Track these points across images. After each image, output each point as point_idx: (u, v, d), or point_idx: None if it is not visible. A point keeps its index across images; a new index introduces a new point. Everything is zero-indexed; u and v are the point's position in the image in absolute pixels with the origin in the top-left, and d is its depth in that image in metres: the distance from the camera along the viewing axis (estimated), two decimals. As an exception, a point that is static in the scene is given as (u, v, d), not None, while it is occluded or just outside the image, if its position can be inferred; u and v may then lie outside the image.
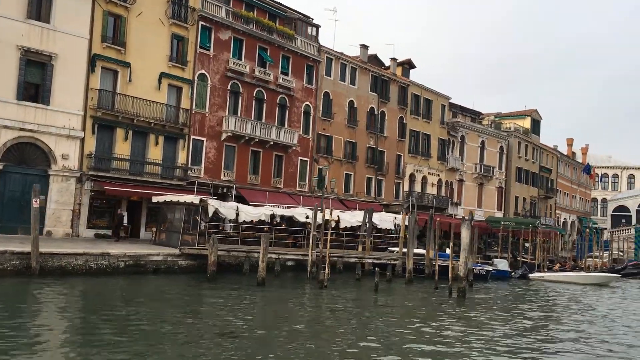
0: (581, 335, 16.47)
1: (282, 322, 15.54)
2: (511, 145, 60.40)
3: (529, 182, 63.82)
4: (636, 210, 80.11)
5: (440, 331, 15.78)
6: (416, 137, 48.69)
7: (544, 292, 28.82)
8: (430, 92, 50.15)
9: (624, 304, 25.59)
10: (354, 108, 42.73)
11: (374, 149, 44.23)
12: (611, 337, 16.55)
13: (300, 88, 38.58)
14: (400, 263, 28.46)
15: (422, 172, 49.06)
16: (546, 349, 14.37)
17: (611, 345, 15.38)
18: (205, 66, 32.77)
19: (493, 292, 27.03)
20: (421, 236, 40.85)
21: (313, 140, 39.57)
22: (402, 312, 19.09)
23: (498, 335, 15.68)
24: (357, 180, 42.80)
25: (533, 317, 19.58)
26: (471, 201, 55.26)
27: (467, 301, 22.30)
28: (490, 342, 14.65)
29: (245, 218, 27.08)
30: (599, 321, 19.66)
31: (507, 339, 15.11)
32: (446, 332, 15.68)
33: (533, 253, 43.64)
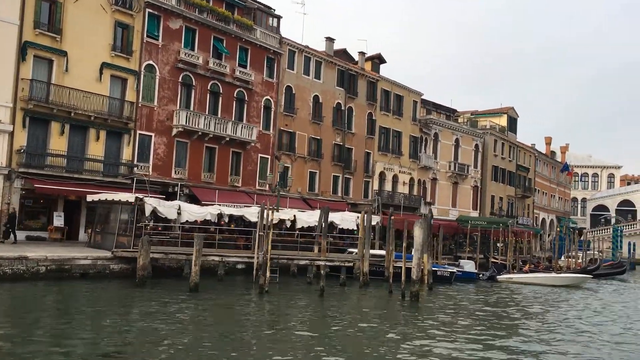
0: (523, 348, 14.76)
1: (180, 335, 13.57)
2: (487, 144, 58.99)
3: (505, 181, 62.46)
4: (615, 209, 79.21)
5: (374, 338, 14.01)
6: (386, 134, 47.01)
7: (508, 294, 27.20)
8: (401, 88, 48.52)
9: (585, 308, 24.02)
10: (319, 103, 40.94)
11: (340, 146, 42.47)
12: (560, 346, 14.90)
13: (260, 81, 36.71)
14: (358, 265, 26.69)
15: (392, 171, 47.39)
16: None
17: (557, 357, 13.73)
18: (153, 57, 30.79)
19: (454, 295, 25.35)
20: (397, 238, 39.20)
21: (274, 137, 37.71)
22: (337, 319, 17.25)
23: (434, 343, 13.94)
24: (322, 178, 41.00)
25: (484, 323, 17.87)
26: (445, 200, 53.73)
27: (421, 305, 20.59)
28: (423, 351, 12.90)
29: (188, 218, 25.17)
30: (553, 328, 18.01)
31: (441, 349, 13.37)
32: (379, 339, 13.91)
33: (505, 253, 42.16)
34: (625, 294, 30.86)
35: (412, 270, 20.56)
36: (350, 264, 25.71)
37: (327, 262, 25.06)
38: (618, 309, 23.84)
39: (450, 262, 34.40)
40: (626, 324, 19.66)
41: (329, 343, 13.59)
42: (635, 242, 70.49)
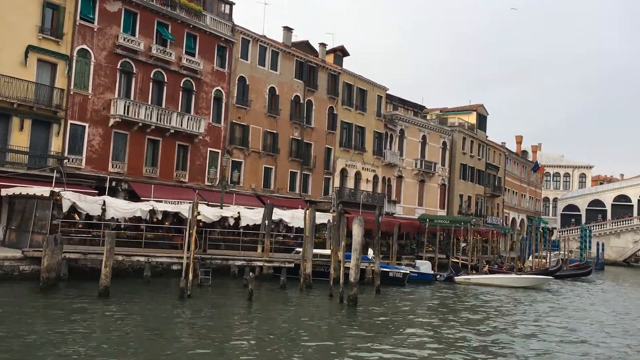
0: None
1: (43, 349, 11.59)
2: (455, 141, 57.61)
3: (474, 180, 61.19)
4: (586, 209, 78.69)
5: (262, 349, 12.16)
6: (349, 130, 45.26)
7: (460, 297, 25.58)
8: (365, 82, 46.81)
9: (530, 314, 22.48)
10: (275, 96, 38.99)
11: (299, 141, 40.58)
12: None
13: (210, 71, 34.64)
14: (309, 266, 24.81)
15: (355, 168, 45.64)
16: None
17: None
18: (87, 41, 28.55)
19: (402, 298, 23.64)
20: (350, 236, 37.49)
21: (226, 130, 35.67)
22: (246, 327, 15.37)
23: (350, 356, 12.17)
24: (278, 174, 39.06)
25: (417, 332, 16.14)
26: (411, 199, 52.19)
27: (359, 310, 18.81)
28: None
29: (114, 214, 23.09)
30: (488, 336, 16.36)
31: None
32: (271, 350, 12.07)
33: (471, 253, 40.71)
34: (582, 297, 29.29)
35: (350, 272, 18.74)
36: (291, 265, 23.82)
37: (267, 262, 23.16)
38: (562, 318, 22.25)
39: (409, 263, 32.75)
40: (562, 335, 18.04)
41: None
42: (604, 242, 70.02)
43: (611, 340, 16.62)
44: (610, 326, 19.24)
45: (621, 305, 25.90)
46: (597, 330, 18.41)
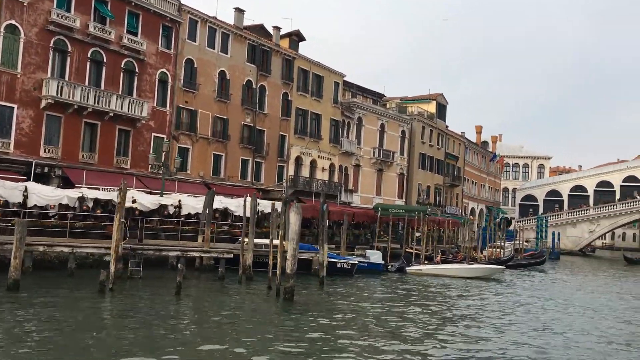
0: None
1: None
2: (414, 130, 57.01)
3: (433, 169, 60.81)
4: (543, 199, 79.54)
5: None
6: (304, 117, 44.03)
7: (408, 288, 24.80)
8: (322, 68, 45.61)
9: (471, 304, 21.87)
10: (225, 80, 37.46)
11: (251, 128, 39.18)
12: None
13: (154, 52, 32.91)
14: (248, 256, 23.59)
15: (310, 156, 44.50)
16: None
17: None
18: (16, 16, 26.54)
19: (347, 290, 22.69)
20: (303, 227, 36.44)
21: (172, 114, 34.03)
22: (151, 324, 14.15)
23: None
24: (229, 162, 37.63)
25: (353, 326, 15.18)
26: (369, 188, 51.37)
27: (297, 304, 17.73)
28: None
29: (38, 202, 21.44)
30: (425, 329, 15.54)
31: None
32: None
33: (426, 243, 40.17)
34: (530, 287, 28.63)
35: (287, 263, 17.62)
36: (230, 256, 22.55)
37: (204, 253, 21.86)
38: (503, 308, 21.67)
39: (360, 253, 31.88)
40: (495, 325, 17.38)
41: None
42: (561, 232, 70.89)
43: (533, 334, 15.99)
44: (541, 320, 18.56)
45: (563, 297, 25.35)
46: (529, 321, 17.80)
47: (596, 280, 35.65)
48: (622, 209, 69.79)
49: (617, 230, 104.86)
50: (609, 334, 16.38)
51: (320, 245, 22.75)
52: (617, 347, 14.63)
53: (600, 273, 41.91)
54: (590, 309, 21.42)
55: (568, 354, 13.53)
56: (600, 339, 15.56)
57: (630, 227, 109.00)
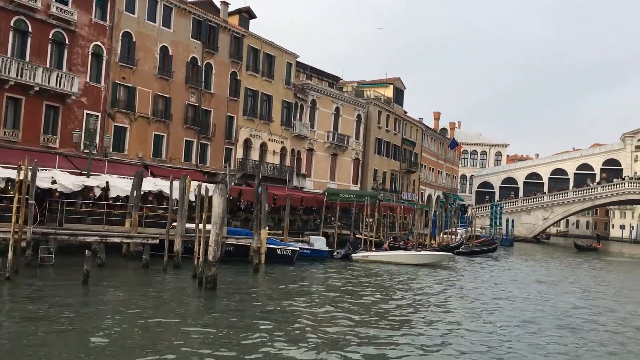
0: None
1: None
2: (370, 114, 55.91)
3: (389, 155, 59.95)
4: (499, 186, 79.90)
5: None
6: (254, 97, 42.28)
7: (348, 276, 23.63)
8: (273, 48, 43.84)
9: (404, 293, 20.89)
10: (168, 56, 35.37)
11: (196, 107, 37.25)
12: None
13: (87, 23, 30.61)
14: (179, 242, 21.98)
15: (260, 138, 42.85)
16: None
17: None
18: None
19: (283, 277, 21.37)
20: (247, 211, 35.04)
21: (107, 91, 31.86)
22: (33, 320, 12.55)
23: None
24: (171, 143, 35.69)
25: (270, 317, 13.87)
26: (322, 173, 50.09)
27: (220, 294, 16.28)
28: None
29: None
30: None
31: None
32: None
33: (377, 229, 39.27)
34: (474, 275, 27.77)
35: (209, 250, 16.11)
36: (155, 242, 20.89)
37: (126, 238, 20.14)
38: (439, 297, 20.80)
39: (304, 239, 30.62)
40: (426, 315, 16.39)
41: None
42: (515, 219, 71.34)
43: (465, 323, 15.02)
44: (474, 309, 17.66)
45: (503, 285, 24.62)
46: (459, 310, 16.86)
47: (541, 268, 35.32)
48: (575, 197, 70.62)
49: (572, 217, 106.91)
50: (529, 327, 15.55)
51: (256, 231, 21.30)
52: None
53: (550, 260, 41.81)
54: (521, 298, 20.60)
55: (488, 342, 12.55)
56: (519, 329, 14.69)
57: (584, 215, 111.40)
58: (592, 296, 21.98)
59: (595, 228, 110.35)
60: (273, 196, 34.03)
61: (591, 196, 69.88)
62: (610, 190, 69.45)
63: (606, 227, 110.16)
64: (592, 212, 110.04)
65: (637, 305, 20.05)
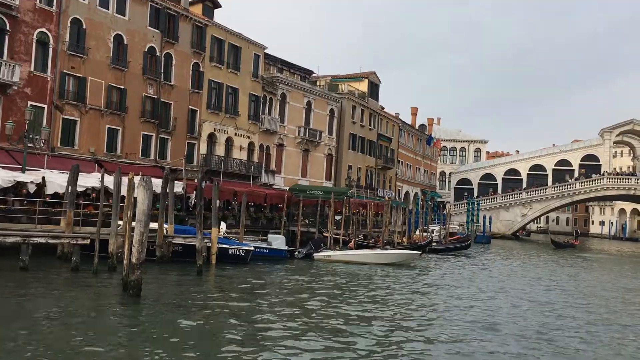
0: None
1: None
2: (344, 109, 54.31)
3: (365, 151, 58.42)
4: (478, 183, 78.87)
5: None
6: (218, 90, 40.46)
7: (304, 277, 22.01)
8: (239, 38, 42.02)
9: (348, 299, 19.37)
10: (123, 45, 33.45)
11: (154, 100, 35.37)
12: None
13: (31, 8, 28.63)
14: (113, 243, 20.18)
15: (226, 133, 41.04)
16: None
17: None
18: None
19: (230, 279, 19.70)
20: (205, 209, 33.24)
21: (54, 81, 29.90)
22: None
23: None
24: (127, 137, 33.78)
25: (197, 326, 12.23)
26: (293, 169, 48.38)
27: (145, 300, 14.58)
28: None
29: None
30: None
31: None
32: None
33: (345, 227, 37.76)
34: (437, 275, 26.11)
35: (133, 251, 14.38)
36: (86, 242, 19.08)
37: (52, 239, 18.30)
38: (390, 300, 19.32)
39: (263, 238, 28.96)
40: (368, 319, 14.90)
41: None
42: (494, 215, 70.36)
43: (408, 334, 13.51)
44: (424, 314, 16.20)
45: (460, 288, 23.16)
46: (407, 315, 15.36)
47: (511, 266, 34.01)
48: (554, 193, 69.82)
49: (552, 214, 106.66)
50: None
51: (199, 229, 19.62)
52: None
53: (523, 257, 40.57)
54: (480, 299, 19.21)
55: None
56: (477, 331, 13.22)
57: (564, 211, 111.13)
58: (553, 305, 20.23)
59: (576, 224, 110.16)
60: (233, 193, 32.30)
61: (569, 192, 69.10)
62: (589, 186, 68.72)
63: (586, 224, 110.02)
64: (572, 209, 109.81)
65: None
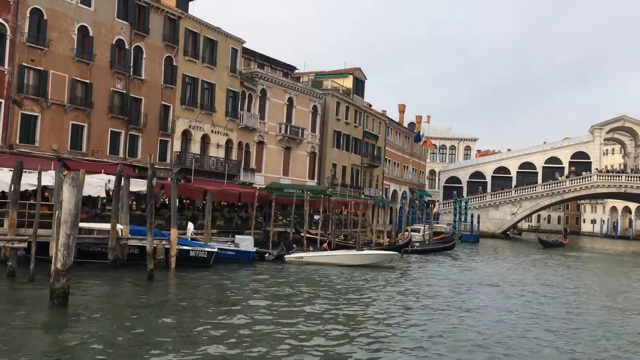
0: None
1: None
2: (328, 106, 52.85)
3: (350, 149, 56.95)
4: (467, 181, 77.59)
5: None
6: (193, 85, 38.92)
7: (268, 281, 20.56)
8: (216, 32, 40.51)
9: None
10: (88, 37, 31.88)
11: (123, 95, 33.82)
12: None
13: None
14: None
15: (202, 130, 39.52)
16: None
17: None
18: None
19: (184, 285, 18.22)
20: (182, 208, 31.94)
21: (12, 75, 28.32)
22: None
23: None
24: (94, 133, 32.22)
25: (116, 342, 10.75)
26: (275, 167, 46.88)
27: (74, 310, 13.09)
28: None
29: None
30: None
31: None
32: None
33: (324, 227, 36.33)
34: (411, 277, 24.74)
35: (58, 256, 12.87)
36: (23, 245, 17.53)
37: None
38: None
39: (230, 239, 27.45)
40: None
41: None
42: (483, 214, 69.09)
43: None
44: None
45: (429, 292, 21.69)
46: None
47: (493, 267, 32.65)
48: (544, 191, 68.66)
49: (543, 212, 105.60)
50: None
51: (149, 230, 18.09)
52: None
53: (509, 257, 39.24)
54: (437, 308, 17.76)
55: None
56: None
57: (555, 210, 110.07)
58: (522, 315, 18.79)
59: (567, 223, 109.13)
60: (204, 192, 30.80)
61: (559, 190, 67.94)
62: (579, 184, 67.58)
63: (577, 222, 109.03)
64: (563, 207, 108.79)
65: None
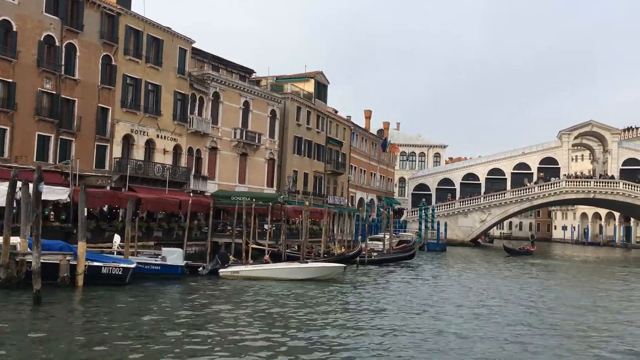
0: None
1: None
2: (287, 110, 50.65)
3: (312, 155, 54.74)
4: (436, 188, 75.97)
5: None
6: (136, 87, 36.31)
7: (188, 303, 18.09)
8: (160, 30, 38.01)
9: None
10: (11, 32, 29.17)
11: (53, 96, 31.12)
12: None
13: None
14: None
15: (146, 134, 36.91)
16: None
17: None
18: None
19: (77, 310, 15.68)
20: (101, 219, 29.37)
21: None
22: None
23: None
24: (18, 138, 29.45)
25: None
26: (230, 175, 44.40)
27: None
28: None
29: None
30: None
31: None
32: None
33: (275, 237, 34.00)
34: (353, 293, 22.12)
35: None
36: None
37: None
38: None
39: (157, 252, 24.87)
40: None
41: None
42: (452, 222, 67.46)
43: None
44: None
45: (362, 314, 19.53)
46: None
47: (444, 280, 30.63)
48: (513, 197, 67.43)
49: (514, 219, 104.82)
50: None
51: (34, 243, 15.49)
52: None
53: (469, 267, 37.25)
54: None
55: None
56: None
57: (526, 217, 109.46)
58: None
59: (539, 230, 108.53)
60: (137, 200, 28.21)
61: (528, 196, 66.75)
62: (548, 190, 66.50)
63: (549, 229, 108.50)
64: (534, 214, 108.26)
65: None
